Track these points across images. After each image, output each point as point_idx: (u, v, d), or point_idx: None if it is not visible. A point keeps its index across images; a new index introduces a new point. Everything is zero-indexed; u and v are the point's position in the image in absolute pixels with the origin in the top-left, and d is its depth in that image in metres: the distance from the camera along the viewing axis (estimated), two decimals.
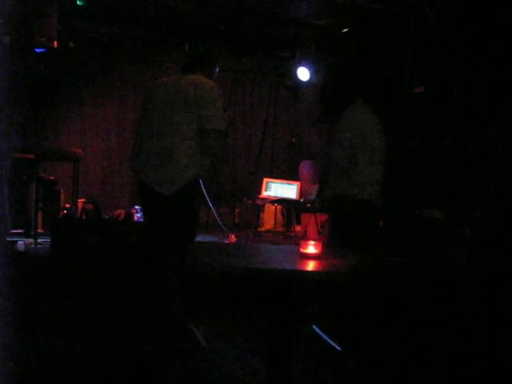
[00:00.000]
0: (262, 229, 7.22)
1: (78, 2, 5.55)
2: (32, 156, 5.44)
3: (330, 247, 2.69)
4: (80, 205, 6.08)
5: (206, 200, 6.21)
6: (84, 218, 5.84)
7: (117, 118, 7.66)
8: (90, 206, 6.09)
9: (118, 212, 6.47)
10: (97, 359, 2.90)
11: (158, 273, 3.02)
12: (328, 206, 3.63)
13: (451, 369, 2.55)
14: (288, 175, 7.43)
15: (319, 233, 5.57)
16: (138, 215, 6.29)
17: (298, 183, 6.50)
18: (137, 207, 6.45)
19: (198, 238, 5.85)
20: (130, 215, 6.21)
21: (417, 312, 2.68)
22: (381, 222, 4.54)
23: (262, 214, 7.30)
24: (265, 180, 6.76)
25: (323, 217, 5.52)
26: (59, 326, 3.33)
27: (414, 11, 4.94)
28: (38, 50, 5.26)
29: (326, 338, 3.28)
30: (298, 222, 6.70)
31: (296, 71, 7.11)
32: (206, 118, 3.03)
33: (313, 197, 6.11)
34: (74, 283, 3.88)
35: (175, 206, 3.09)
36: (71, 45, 6.43)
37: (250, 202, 7.38)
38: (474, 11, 4.61)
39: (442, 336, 2.62)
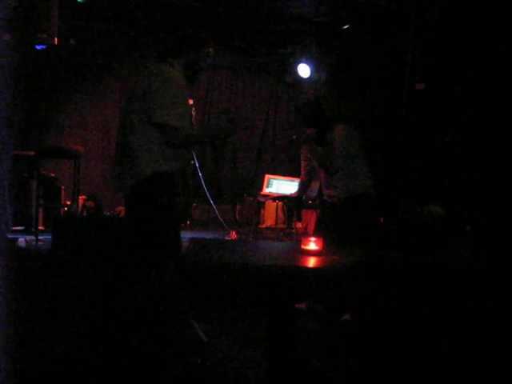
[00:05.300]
0: (263, 225, 7.21)
1: None
2: (32, 153, 5.43)
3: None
4: (81, 202, 6.08)
5: (207, 196, 6.22)
6: (85, 214, 5.86)
7: (117, 115, 7.64)
8: (90, 203, 6.10)
9: (118, 209, 6.47)
10: (98, 357, 2.90)
11: (158, 269, 3.01)
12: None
13: (452, 363, 2.56)
14: (289, 172, 7.42)
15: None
16: None
17: (300, 180, 6.47)
18: None
19: (199, 235, 5.88)
20: None
21: (418, 307, 2.68)
22: (382, 219, 4.54)
23: (262, 211, 7.29)
24: (266, 176, 6.75)
25: None
26: (60, 324, 3.34)
27: (414, 7, 4.93)
28: (38, 47, 5.25)
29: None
30: (299, 219, 6.69)
31: (296, 68, 7.10)
32: (151, 110, 2.82)
33: (314, 194, 6.09)
34: (74, 280, 3.88)
35: (135, 204, 2.92)
36: (72, 42, 6.40)
37: (251, 198, 7.38)
38: (475, 7, 4.60)
39: (442, 332, 2.62)
